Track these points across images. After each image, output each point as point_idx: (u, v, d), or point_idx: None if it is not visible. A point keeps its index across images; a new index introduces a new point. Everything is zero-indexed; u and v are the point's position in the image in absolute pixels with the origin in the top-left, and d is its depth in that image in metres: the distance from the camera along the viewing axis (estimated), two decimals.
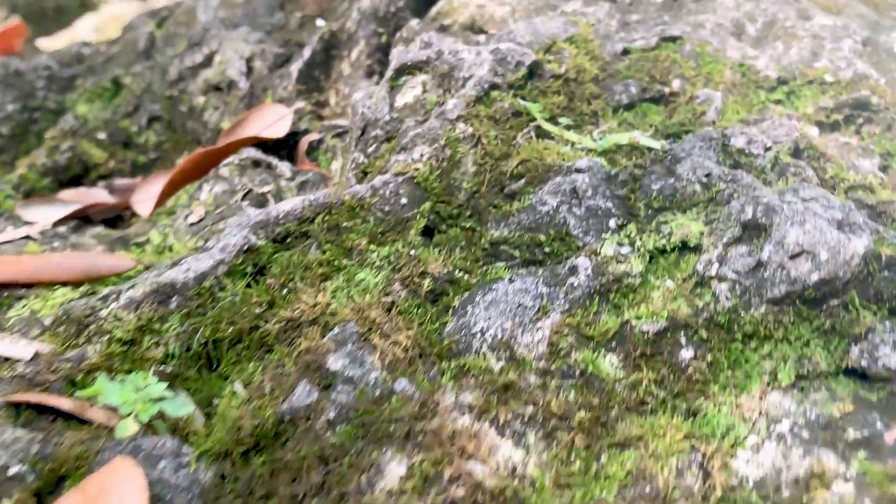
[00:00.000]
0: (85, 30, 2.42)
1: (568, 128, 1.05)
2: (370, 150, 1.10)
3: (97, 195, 1.43)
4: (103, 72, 1.73)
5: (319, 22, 1.53)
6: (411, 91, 1.12)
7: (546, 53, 1.16)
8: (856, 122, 1.15)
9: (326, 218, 0.97)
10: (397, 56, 1.16)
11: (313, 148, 1.32)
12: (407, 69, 1.15)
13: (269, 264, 0.95)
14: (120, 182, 1.51)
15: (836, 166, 1.00)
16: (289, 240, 0.97)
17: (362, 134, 1.12)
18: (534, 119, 1.06)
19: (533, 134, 1.04)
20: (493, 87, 1.09)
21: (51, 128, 1.59)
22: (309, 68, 1.44)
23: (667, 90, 1.14)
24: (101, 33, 2.30)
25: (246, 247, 0.94)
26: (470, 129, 1.04)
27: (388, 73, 1.16)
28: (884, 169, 1.13)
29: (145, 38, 1.78)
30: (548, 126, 1.04)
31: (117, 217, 1.41)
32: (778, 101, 1.14)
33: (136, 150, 1.59)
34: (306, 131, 1.35)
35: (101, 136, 1.58)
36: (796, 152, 0.98)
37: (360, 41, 1.44)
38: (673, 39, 1.20)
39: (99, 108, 1.64)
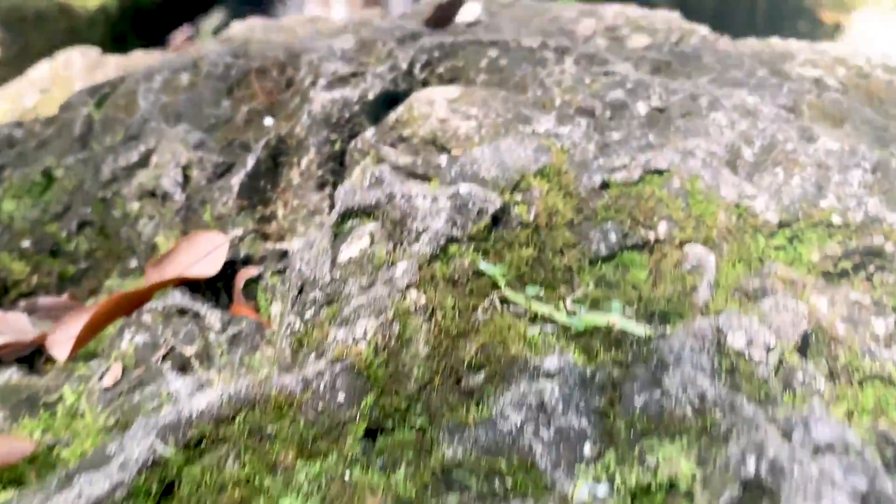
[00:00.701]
0: (31, 88, 2.26)
1: (537, 298, 0.90)
2: (308, 314, 0.94)
3: (15, 323, 1.26)
4: (34, 161, 1.57)
5: (268, 120, 1.38)
6: (357, 243, 0.97)
7: (514, 192, 1.01)
8: (866, 268, 1.01)
9: (249, 417, 0.82)
10: (343, 198, 1.01)
11: (253, 280, 1.17)
12: (353, 213, 1.00)
13: (178, 479, 0.79)
14: (43, 301, 1.35)
15: (850, 352, 0.85)
16: (203, 445, 0.81)
17: (300, 293, 0.97)
18: (497, 284, 0.91)
19: (497, 303, 0.90)
20: (452, 240, 0.94)
21: None
22: (252, 179, 1.28)
23: (652, 236, 1.00)
24: (46, 96, 2.14)
25: (151, 461, 0.79)
26: (423, 300, 0.89)
27: (333, 216, 1.01)
28: None
29: (82, 120, 1.62)
30: (513, 296, 0.89)
31: (36, 351, 1.25)
32: (779, 248, 1.00)
33: (64, 258, 1.43)
34: (246, 259, 1.20)
35: (26, 244, 1.41)
36: (804, 344, 0.83)
37: (311, 149, 1.29)
38: (659, 172, 1.05)
39: (27, 207, 1.48)
